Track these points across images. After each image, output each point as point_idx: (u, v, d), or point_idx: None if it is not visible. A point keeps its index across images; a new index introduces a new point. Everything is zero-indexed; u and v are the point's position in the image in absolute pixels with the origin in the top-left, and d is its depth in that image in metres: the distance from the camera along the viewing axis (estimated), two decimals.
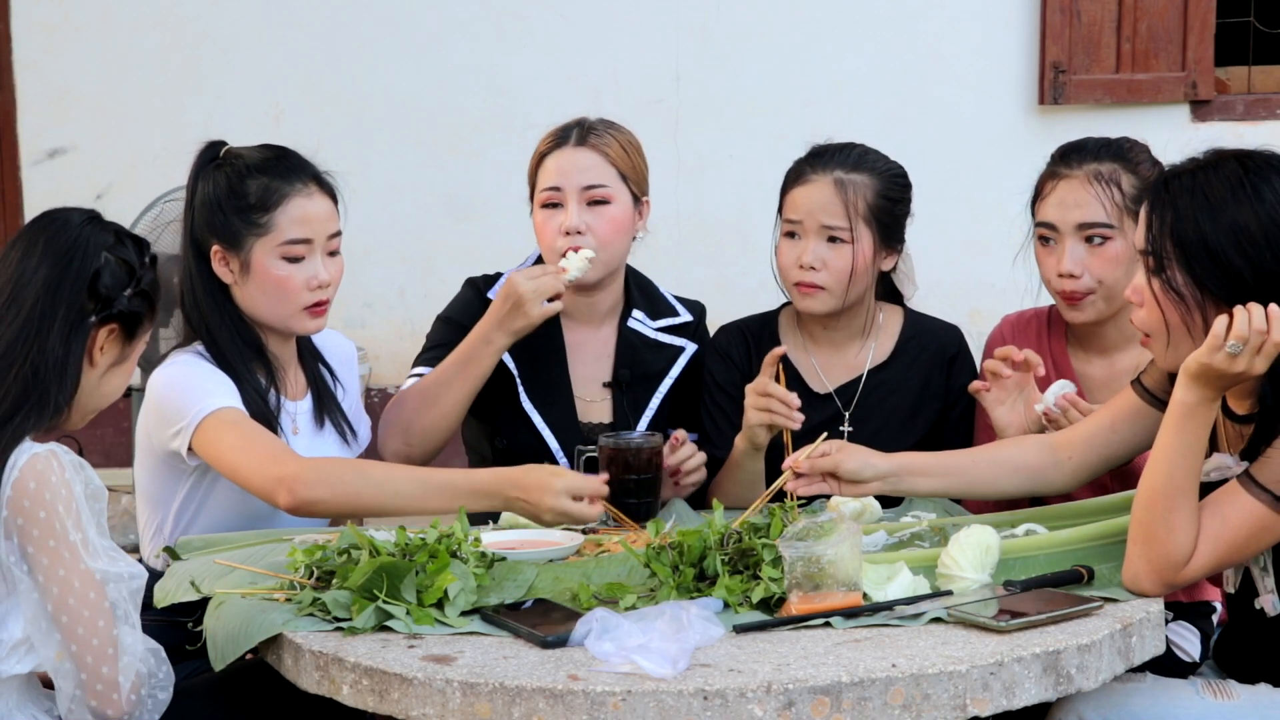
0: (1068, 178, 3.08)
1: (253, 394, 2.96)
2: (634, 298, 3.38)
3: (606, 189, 3.25)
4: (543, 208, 3.28)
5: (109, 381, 2.53)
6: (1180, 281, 2.46)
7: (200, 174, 3.04)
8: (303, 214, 2.99)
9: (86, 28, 5.93)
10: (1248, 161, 2.48)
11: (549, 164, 3.27)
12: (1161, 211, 2.48)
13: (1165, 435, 2.44)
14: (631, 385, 3.32)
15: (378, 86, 5.93)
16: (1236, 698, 2.49)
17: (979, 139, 5.86)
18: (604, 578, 2.57)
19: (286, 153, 3.06)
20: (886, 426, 3.24)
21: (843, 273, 3.18)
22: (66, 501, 2.33)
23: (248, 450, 2.79)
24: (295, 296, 2.99)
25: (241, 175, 2.99)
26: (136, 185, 5.79)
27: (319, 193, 3.02)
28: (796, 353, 3.30)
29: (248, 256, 2.98)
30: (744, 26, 5.92)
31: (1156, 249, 2.48)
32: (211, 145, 3.07)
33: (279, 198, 2.97)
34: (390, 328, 6.03)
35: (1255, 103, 5.98)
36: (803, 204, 3.20)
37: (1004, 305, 3.33)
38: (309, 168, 3.05)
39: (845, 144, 3.27)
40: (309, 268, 2.99)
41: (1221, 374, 2.38)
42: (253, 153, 3.05)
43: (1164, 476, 2.42)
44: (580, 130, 3.29)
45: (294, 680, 2.38)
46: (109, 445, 5.91)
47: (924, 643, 2.29)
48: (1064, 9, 5.79)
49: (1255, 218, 2.42)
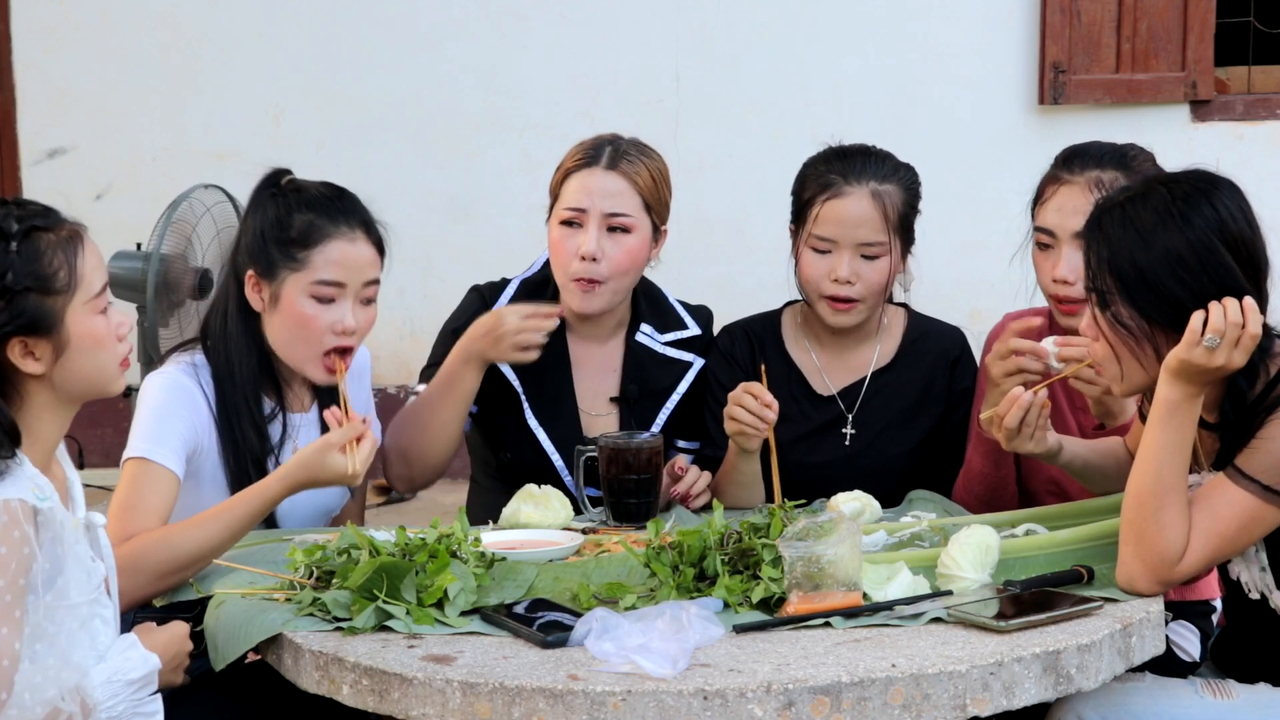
0: (1068, 183, 3.06)
1: (249, 430, 2.94)
2: (642, 309, 3.33)
3: (629, 218, 3.18)
4: (561, 224, 3.20)
5: (77, 363, 2.34)
6: (1125, 315, 2.48)
7: (257, 198, 3.01)
8: (341, 256, 2.94)
9: (86, 28, 5.94)
10: (1175, 188, 2.48)
11: (575, 182, 3.20)
12: (1098, 248, 2.50)
13: (1151, 434, 2.45)
14: (639, 401, 3.30)
15: (378, 86, 5.94)
16: (1236, 698, 2.49)
17: (979, 139, 5.87)
18: (604, 578, 2.57)
19: (344, 194, 3.01)
20: (889, 429, 3.23)
21: (878, 285, 3.15)
22: (4, 560, 2.17)
23: (119, 506, 2.78)
24: (317, 338, 2.94)
25: (291, 209, 2.95)
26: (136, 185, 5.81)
27: (364, 239, 2.98)
28: (800, 354, 3.29)
29: (279, 289, 2.94)
30: (744, 26, 5.93)
31: (1098, 285, 2.50)
32: (276, 172, 3.04)
33: (321, 236, 2.93)
34: (390, 328, 6.03)
35: (1255, 103, 5.98)
36: (838, 219, 3.13)
37: (1004, 305, 3.33)
38: (361, 213, 3.00)
39: (865, 148, 3.21)
40: (337, 311, 2.94)
41: (1201, 369, 2.39)
42: (311, 187, 3.01)
43: (1152, 475, 2.43)
44: (613, 152, 3.21)
45: (294, 680, 2.38)
46: (109, 445, 5.92)
47: (924, 643, 2.29)
48: (1064, 9, 5.80)
49: (1187, 244, 2.43)
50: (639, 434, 3.05)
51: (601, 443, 3.01)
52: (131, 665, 2.36)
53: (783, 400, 3.22)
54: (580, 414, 3.28)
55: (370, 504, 5.87)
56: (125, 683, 2.34)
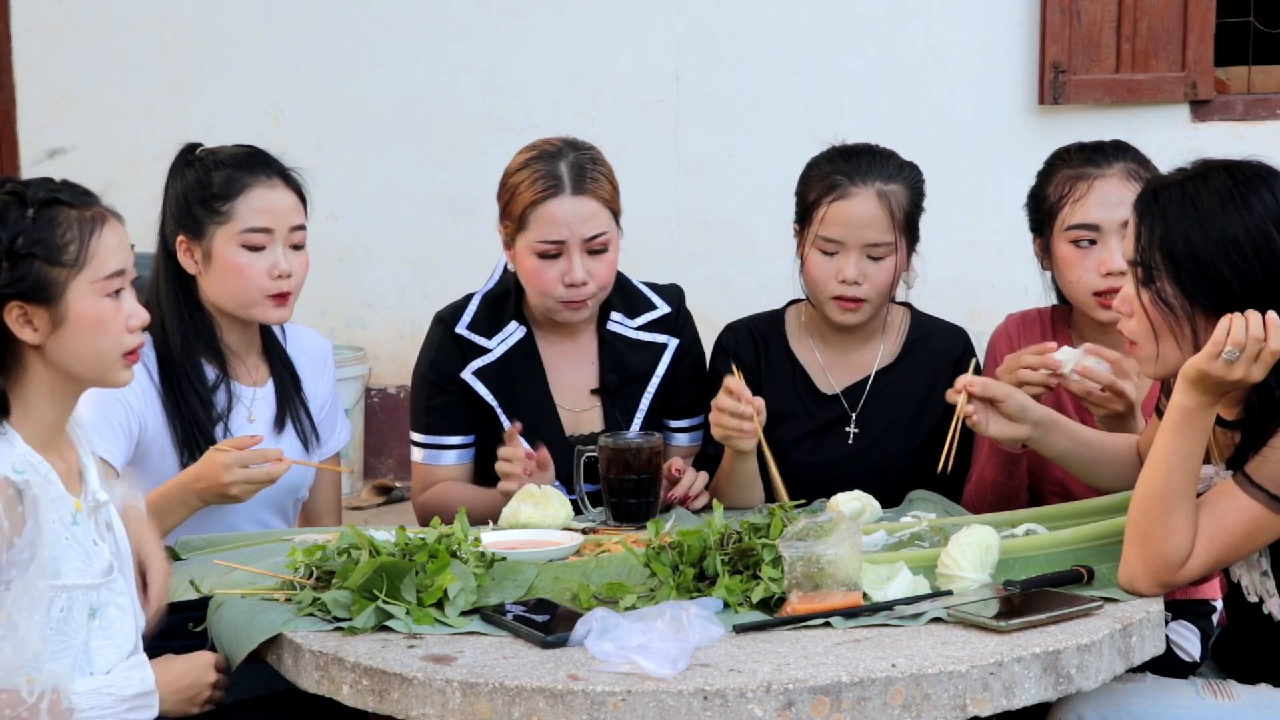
0: (1103, 177, 3.05)
1: (192, 398, 2.99)
2: (610, 298, 3.30)
3: (605, 236, 3.16)
4: (539, 256, 3.15)
5: (74, 341, 2.33)
6: (1169, 293, 2.46)
7: (174, 170, 3.10)
8: (264, 204, 3.02)
9: (86, 28, 5.94)
10: (1236, 173, 2.48)
11: (545, 213, 3.13)
12: (1151, 223, 2.48)
13: (1163, 439, 2.44)
14: (620, 389, 3.30)
15: (378, 86, 5.94)
16: (1236, 698, 2.49)
17: (979, 139, 5.86)
18: (604, 578, 2.57)
19: (256, 150, 3.10)
20: (892, 428, 3.24)
21: (885, 285, 3.16)
22: None
23: None
24: (255, 284, 3.01)
25: (209, 169, 3.05)
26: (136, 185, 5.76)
27: (282, 185, 3.06)
28: (804, 353, 3.29)
29: (209, 245, 3.02)
30: (744, 26, 5.92)
31: (1145, 260, 2.48)
32: (188, 147, 3.13)
33: (240, 187, 3.02)
34: (390, 328, 6.03)
35: (1255, 103, 5.98)
36: (845, 220, 3.12)
37: (1004, 305, 3.33)
38: (275, 164, 3.08)
39: (869, 147, 3.20)
40: (269, 257, 3.02)
41: (1219, 380, 2.38)
42: (224, 149, 3.10)
43: (1161, 479, 2.43)
44: (574, 174, 3.15)
45: (294, 680, 2.38)
46: None
47: (924, 643, 2.29)
48: (1064, 9, 5.80)
49: (1244, 229, 2.42)
50: (639, 434, 3.05)
51: (602, 443, 3.01)
52: (127, 682, 2.34)
53: (786, 399, 3.22)
54: (561, 412, 3.27)
55: (370, 504, 5.88)
56: (115, 697, 2.32)
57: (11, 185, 2.35)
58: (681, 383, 3.33)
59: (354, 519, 4.81)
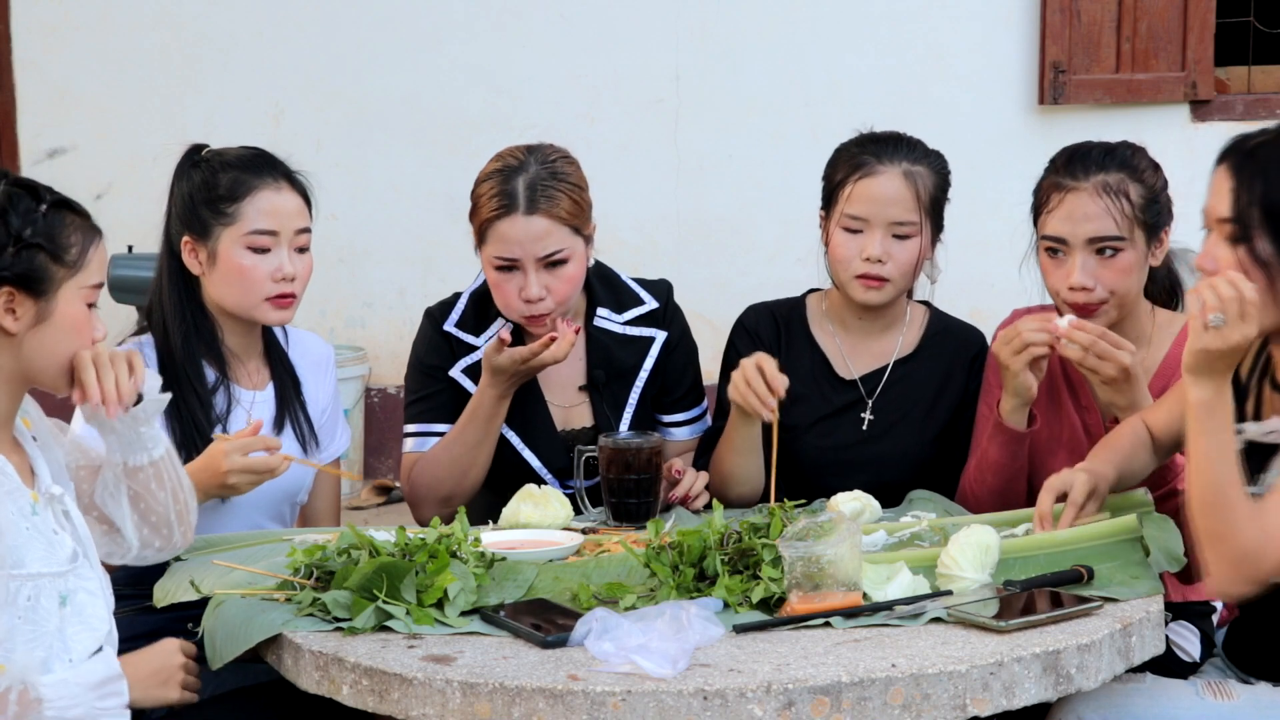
0: (1075, 190, 3.03)
1: (191, 398, 2.99)
2: (597, 294, 3.30)
3: (562, 251, 3.12)
4: (496, 270, 3.15)
5: (51, 339, 2.37)
6: (1265, 251, 2.40)
7: (180, 171, 3.10)
8: (270, 206, 3.03)
9: (86, 28, 5.94)
10: None
11: (499, 231, 3.11)
12: (1249, 180, 2.41)
13: (1194, 442, 2.39)
14: (608, 384, 3.30)
15: (378, 86, 5.94)
16: (1236, 698, 2.49)
17: (979, 139, 5.86)
18: (604, 578, 2.57)
19: (263, 153, 3.11)
20: (907, 418, 3.24)
21: (908, 265, 3.17)
22: None
23: None
24: (259, 286, 3.01)
25: (215, 170, 3.05)
26: (136, 185, 5.80)
27: (288, 189, 3.06)
28: (824, 337, 3.30)
29: (215, 246, 3.02)
30: (744, 26, 5.93)
31: (1242, 218, 2.42)
32: (194, 147, 3.13)
33: (247, 189, 3.02)
34: (390, 328, 6.03)
35: (1255, 103, 5.98)
36: (870, 197, 3.14)
37: (1004, 304, 3.32)
38: (281, 166, 3.09)
39: (896, 134, 3.23)
40: (274, 259, 3.02)
41: (1219, 352, 2.34)
42: (230, 151, 3.11)
43: (1207, 483, 2.37)
44: (528, 192, 3.10)
45: (294, 680, 2.38)
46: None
47: (924, 643, 2.29)
48: (1064, 9, 5.80)
49: None
50: (639, 434, 3.05)
51: (602, 443, 3.02)
52: (92, 669, 2.32)
53: (804, 381, 3.23)
54: (552, 408, 3.27)
55: (370, 504, 5.88)
56: (82, 685, 2.30)
57: (25, 180, 2.40)
58: (673, 376, 3.33)
59: (354, 519, 4.81)
